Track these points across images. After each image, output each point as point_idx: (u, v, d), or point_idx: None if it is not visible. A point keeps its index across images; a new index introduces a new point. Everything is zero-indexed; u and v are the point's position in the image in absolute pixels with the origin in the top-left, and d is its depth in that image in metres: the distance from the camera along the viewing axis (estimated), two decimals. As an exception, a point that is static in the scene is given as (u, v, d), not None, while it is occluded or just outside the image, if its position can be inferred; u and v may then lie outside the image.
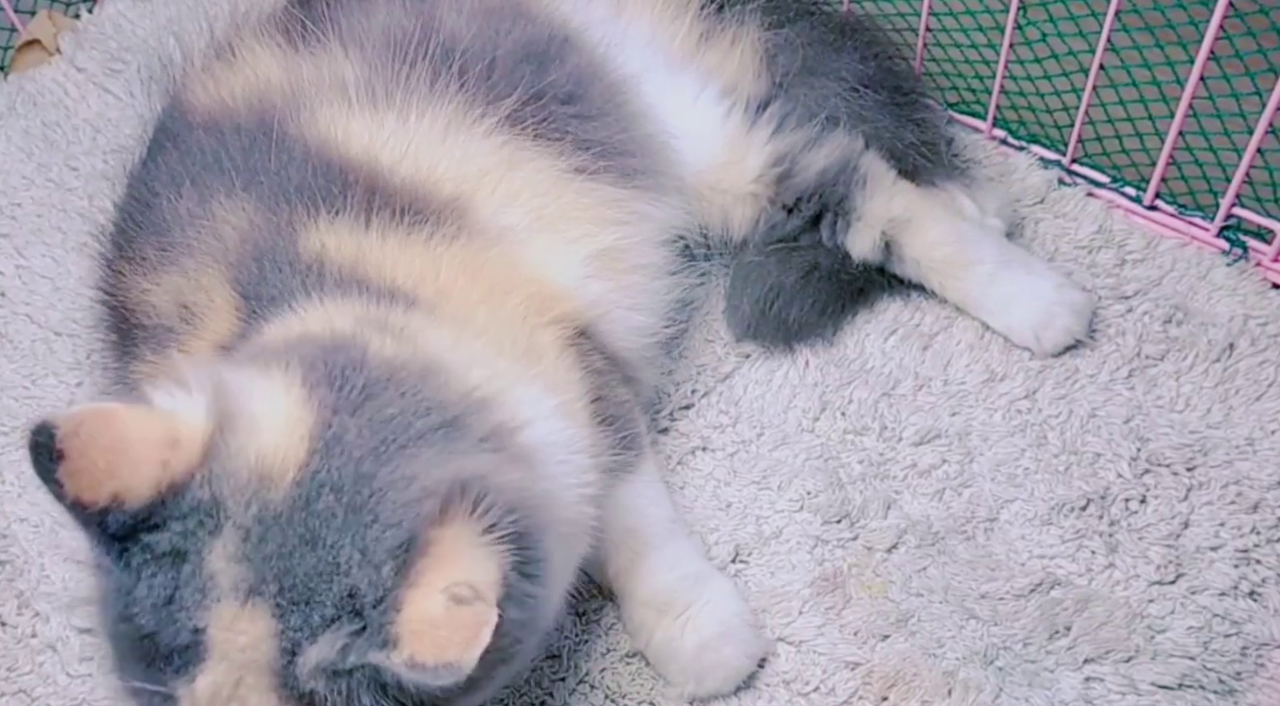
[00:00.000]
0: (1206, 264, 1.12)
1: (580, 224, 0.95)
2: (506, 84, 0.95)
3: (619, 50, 1.05)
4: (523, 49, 0.98)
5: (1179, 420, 1.03)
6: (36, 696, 0.95)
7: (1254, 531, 0.97)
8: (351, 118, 0.91)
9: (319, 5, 1.00)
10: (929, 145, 1.12)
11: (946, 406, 1.05)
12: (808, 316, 1.08)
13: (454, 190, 0.90)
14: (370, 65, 0.94)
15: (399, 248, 0.85)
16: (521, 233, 0.91)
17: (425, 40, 0.95)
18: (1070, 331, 1.05)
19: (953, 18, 1.22)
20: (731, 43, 1.12)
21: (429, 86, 0.93)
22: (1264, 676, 0.91)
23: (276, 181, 0.87)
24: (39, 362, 1.13)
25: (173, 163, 0.92)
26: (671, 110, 1.06)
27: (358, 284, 0.82)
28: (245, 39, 1.00)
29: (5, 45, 1.40)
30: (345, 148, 0.89)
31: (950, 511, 1.00)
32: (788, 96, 1.11)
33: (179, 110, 0.98)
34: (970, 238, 1.08)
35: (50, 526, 1.03)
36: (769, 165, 1.07)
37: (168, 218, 0.89)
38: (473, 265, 0.87)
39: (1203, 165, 1.13)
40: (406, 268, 0.84)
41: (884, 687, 0.91)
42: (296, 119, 0.91)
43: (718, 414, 1.06)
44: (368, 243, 0.84)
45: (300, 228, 0.84)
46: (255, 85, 0.95)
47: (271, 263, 0.83)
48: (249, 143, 0.89)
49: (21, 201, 1.25)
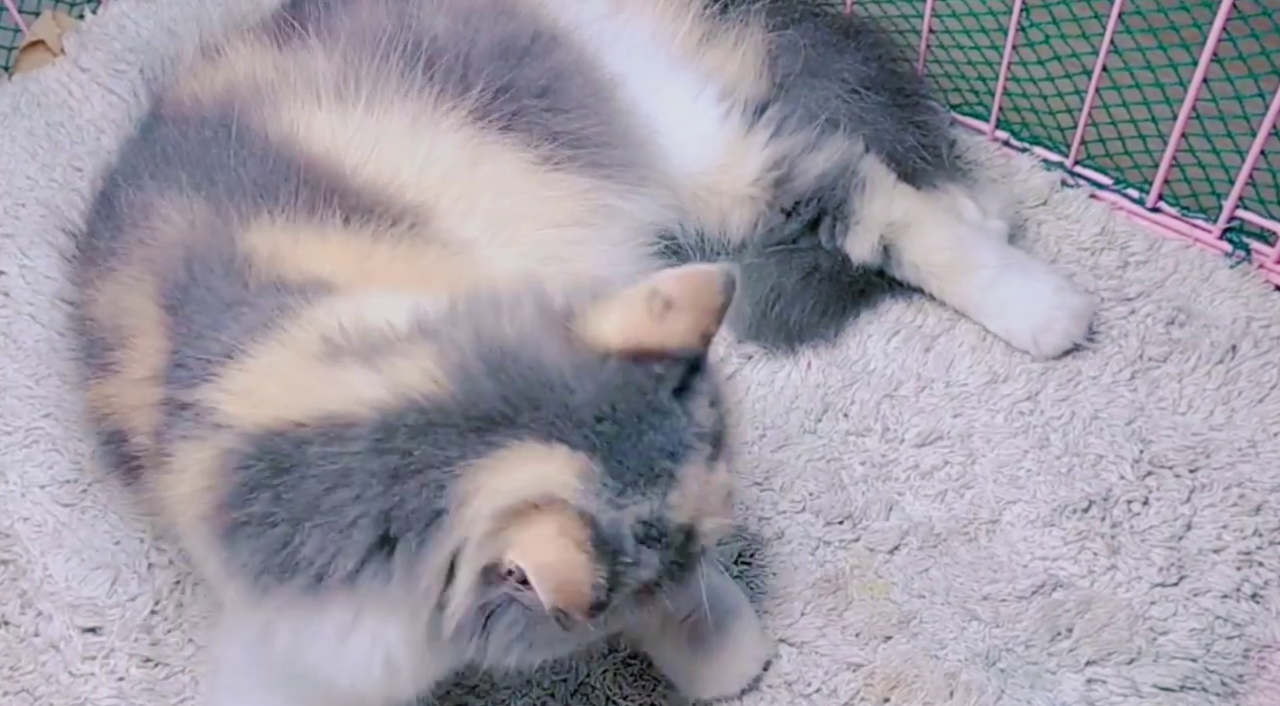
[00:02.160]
0: (1209, 266, 1.12)
1: (540, 222, 0.94)
2: (476, 77, 0.95)
3: (611, 48, 1.04)
4: (500, 45, 0.98)
5: (1181, 422, 1.03)
6: (39, 696, 0.95)
7: (1256, 534, 0.96)
8: (317, 112, 0.90)
9: (308, 5, 1.00)
10: (930, 147, 1.12)
11: (949, 408, 1.05)
12: (809, 318, 1.08)
13: (415, 196, 0.88)
14: (344, 59, 0.93)
15: (342, 247, 0.83)
16: (481, 235, 0.90)
17: (399, 35, 0.94)
18: (1069, 335, 1.05)
19: (955, 19, 1.22)
20: (734, 44, 1.11)
21: (398, 80, 0.92)
22: (1266, 678, 0.91)
23: (227, 178, 0.85)
24: (42, 362, 1.13)
25: (135, 156, 0.92)
26: (669, 110, 1.05)
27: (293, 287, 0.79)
28: (233, 38, 1.00)
29: (9, 46, 1.40)
30: (307, 144, 0.88)
31: (952, 513, 1.00)
32: (788, 99, 1.10)
33: (155, 105, 0.98)
34: (970, 243, 1.07)
35: (53, 526, 1.03)
36: (767, 168, 1.06)
37: (123, 211, 0.87)
38: (422, 268, 0.85)
39: (1205, 167, 1.13)
40: (347, 267, 0.82)
41: (886, 689, 0.91)
42: (260, 113, 0.90)
43: (720, 415, 1.06)
44: (310, 243, 0.82)
45: (239, 229, 0.82)
46: (229, 80, 0.94)
47: (203, 268, 0.80)
48: (209, 136, 0.88)
49: (25, 202, 1.25)
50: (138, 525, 1.02)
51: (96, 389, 0.84)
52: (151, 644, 0.96)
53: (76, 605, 0.98)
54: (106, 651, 0.96)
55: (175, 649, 0.96)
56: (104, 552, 1.01)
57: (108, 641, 0.97)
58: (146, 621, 0.97)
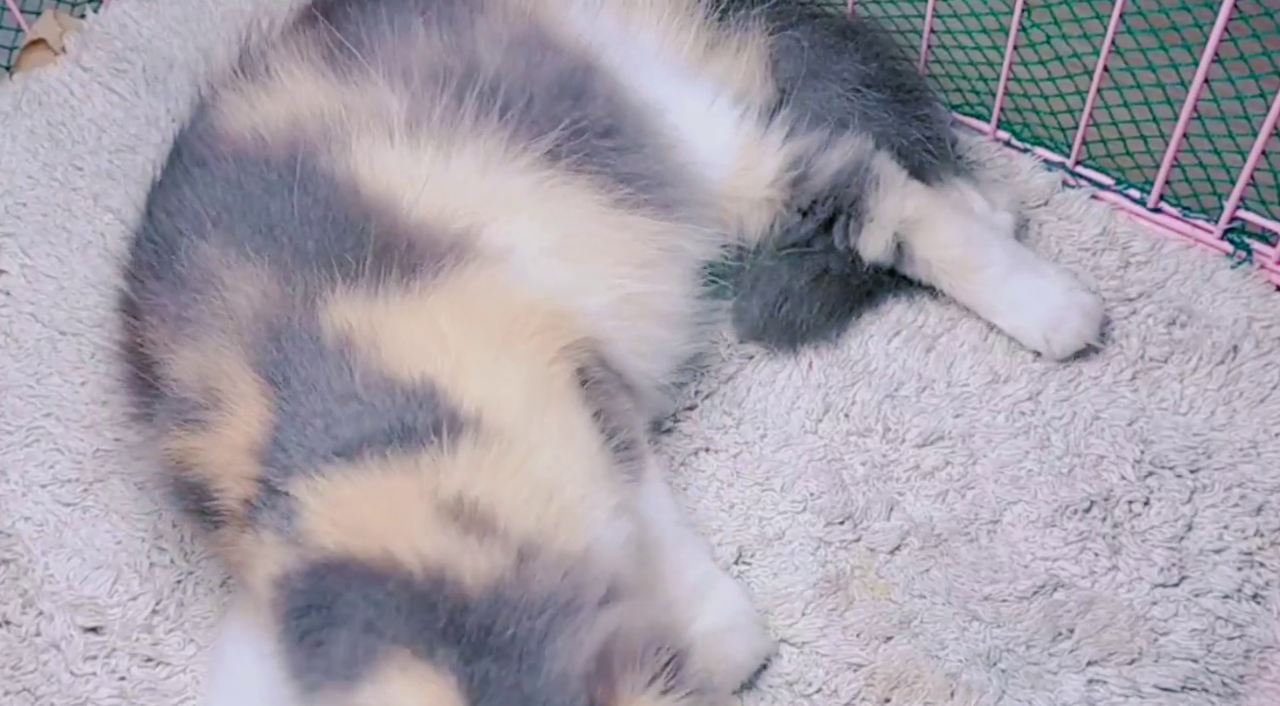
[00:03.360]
0: (1210, 266, 1.12)
1: (612, 262, 0.94)
2: (543, 117, 0.94)
3: (634, 71, 1.03)
4: (557, 82, 0.97)
5: (1183, 422, 1.03)
6: (40, 695, 0.95)
7: (1258, 534, 0.97)
8: (390, 157, 0.88)
9: (353, 27, 0.97)
10: (935, 141, 1.12)
11: (950, 408, 1.05)
12: (815, 319, 1.08)
13: (470, 222, 0.87)
14: (414, 98, 0.91)
15: (436, 318, 0.82)
16: (545, 262, 0.90)
17: (465, 71, 0.93)
18: (1080, 334, 1.05)
19: (957, 19, 1.22)
20: (737, 49, 1.12)
21: (472, 122, 0.91)
22: (1267, 679, 0.91)
23: (297, 239, 0.84)
24: (44, 362, 1.13)
25: (197, 197, 0.89)
26: (688, 122, 1.04)
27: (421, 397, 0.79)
28: (281, 57, 0.96)
29: (11, 45, 1.40)
30: (384, 198, 0.86)
31: (953, 513, 1.00)
32: (795, 100, 1.10)
33: (209, 132, 0.93)
34: (981, 240, 1.07)
35: (54, 525, 1.03)
36: (784, 169, 1.06)
37: (185, 268, 0.86)
38: (508, 320, 0.85)
39: (1207, 167, 1.13)
40: (447, 349, 0.81)
41: (886, 689, 0.91)
42: (330, 158, 0.88)
43: (721, 415, 1.06)
44: (404, 319, 0.82)
45: (319, 302, 0.81)
46: (292, 115, 0.91)
47: (294, 345, 0.80)
48: (274, 183, 0.86)
49: (27, 201, 1.26)
50: (139, 524, 1.02)
51: (182, 441, 0.83)
52: (153, 643, 0.96)
53: (78, 604, 0.98)
54: (108, 651, 0.96)
55: (176, 648, 0.96)
56: (105, 552, 1.01)
57: (109, 641, 0.97)
58: (148, 621, 0.97)
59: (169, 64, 1.36)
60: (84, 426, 1.08)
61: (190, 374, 0.83)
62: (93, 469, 1.06)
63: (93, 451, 1.07)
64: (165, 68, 1.35)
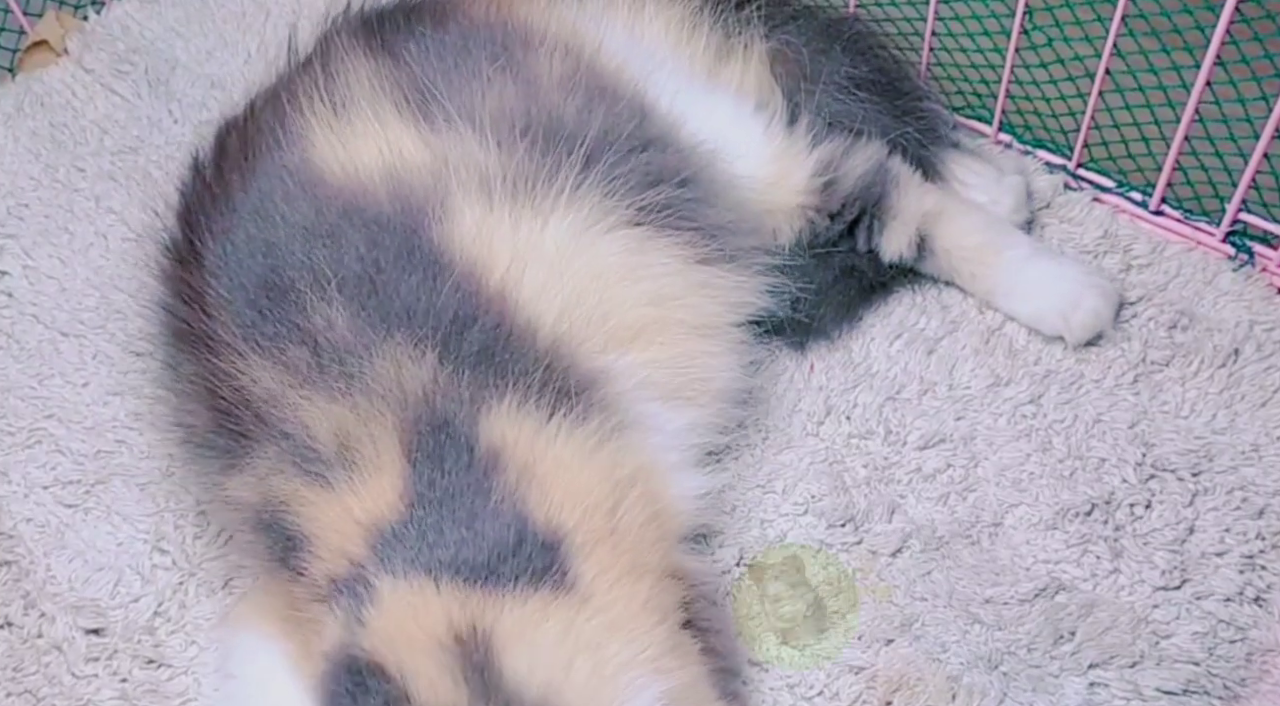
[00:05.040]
0: (1212, 269, 1.12)
1: (683, 329, 0.89)
2: (627, 172, 0.90)
3: (661, 94, 0.98)
4: (629, 132, 0.92)
5: (1184, 425, 1.03)
6: (42, 697, 0.95)
7: (1259, 537, 0.97)
8: (493, 222, 0.83)
9: (419, 70, 0.91)
10: (931, 132, 1.13)
11: (951, 411, 1.05)
12: (828, 319, 1.08)
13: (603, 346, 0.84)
14: (508, 155, 0.86)
15: (573, 461, 0.80)
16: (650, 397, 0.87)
17: (556, 130, 0.88)
18: (1099, 314, 1.05)
19: (958, 22, 1.22)
20: (743, 55, 1.10)
21: (574, 183, 0.86)
22: (1269, 682, 0.91)
23: (454, 336, 0.80)
24: (45, 363, 1.13)
25: (314, 251, 0.84)
26: (717, 137, 1.00)
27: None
28: (362, 91, 0.90)
29: (13, 47, 1.40)
30: (488, 271, 0.81)
31: (955, 516, 1.00)
32: (807, 105, 1.10)
33: (304, 171, 0.87)
34: (999, 226, 1.09)
35: (56, 527, 1.03)
36: (815, 174, 1.05)
37: (321, 329, 0.81)
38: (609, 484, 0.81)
39: (1209, 170, 1.13)
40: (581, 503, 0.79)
41: (888, 692, 0.92)
42: (441, 221, 0.83)
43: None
44: (551, 453, 0.79)
45: (482, 411, 0.78)
46: (389, 163, 0.86)
47: (452, 444, 0.77)
48: (401, 256, 0.82)
49: (29, 202, 1.26)
50: (141, 526, 1.02)
51: (292, 486, 0.81)
52: (154, 645, 0.96)
53: (79, 606, 0.98)
54: (109, 652, 0.96)
55: (178, 650, 0.96)
56: (107, 554, 1.01)
57: (111, 642, 0.97)
58: (149, 622, 0.98)
59: (171, 65, 1.36)
60: (86, 428, 1.08)
61: (324, 425, 0.80)
62: (94, 470, 1.06)
63: (94, 453, 1.07)
64: (167, 69, 1.36)
